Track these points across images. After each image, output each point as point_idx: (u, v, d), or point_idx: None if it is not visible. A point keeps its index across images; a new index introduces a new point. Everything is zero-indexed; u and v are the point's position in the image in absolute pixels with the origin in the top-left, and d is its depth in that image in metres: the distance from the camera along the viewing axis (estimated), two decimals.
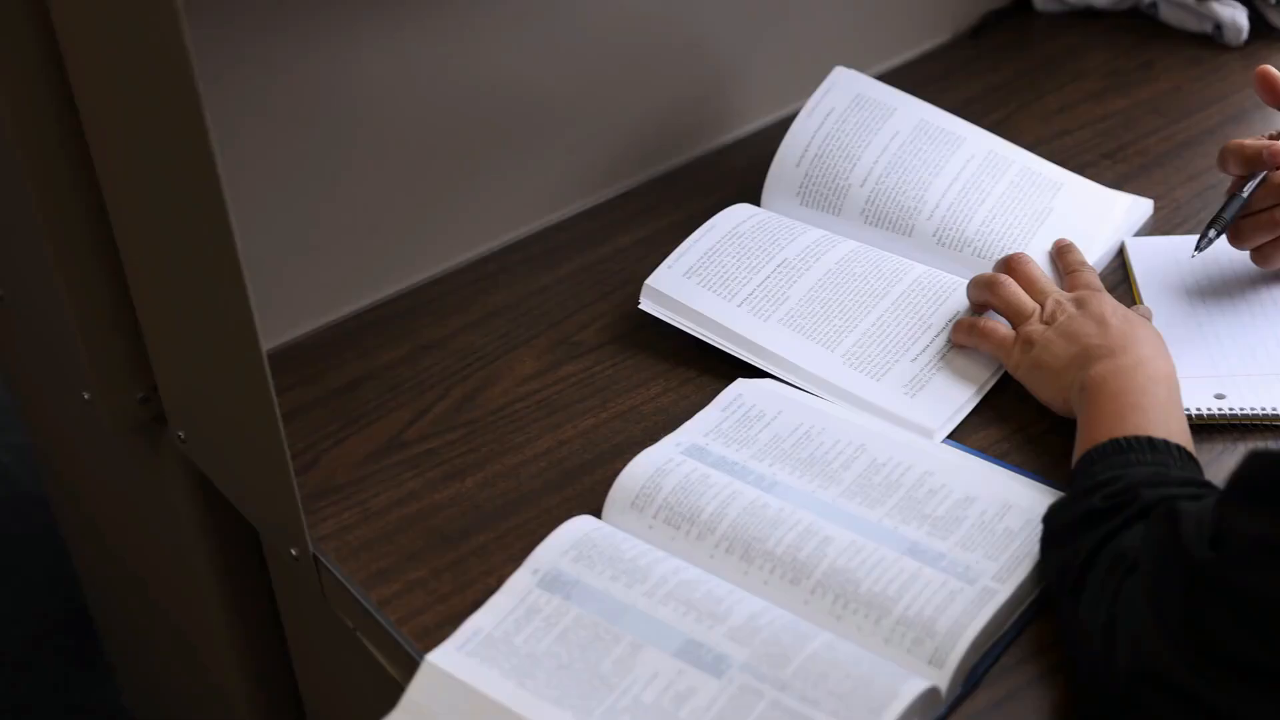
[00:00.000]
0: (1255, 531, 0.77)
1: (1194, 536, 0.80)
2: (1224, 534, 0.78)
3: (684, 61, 1.35)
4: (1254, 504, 0.78)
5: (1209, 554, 0.79)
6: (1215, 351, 1.11)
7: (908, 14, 1.51)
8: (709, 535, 0.97)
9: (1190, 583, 0.79)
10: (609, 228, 1.30)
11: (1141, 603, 0.82)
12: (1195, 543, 0.80)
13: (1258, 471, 0.79)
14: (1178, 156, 1.35)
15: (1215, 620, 0.78)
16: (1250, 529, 0.77)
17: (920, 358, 1.11)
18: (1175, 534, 0.81)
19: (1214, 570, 0.78)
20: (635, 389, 1.13)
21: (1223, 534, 0.79)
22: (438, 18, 1.17)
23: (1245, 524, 0.77)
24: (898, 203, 1.24)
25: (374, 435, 1.11)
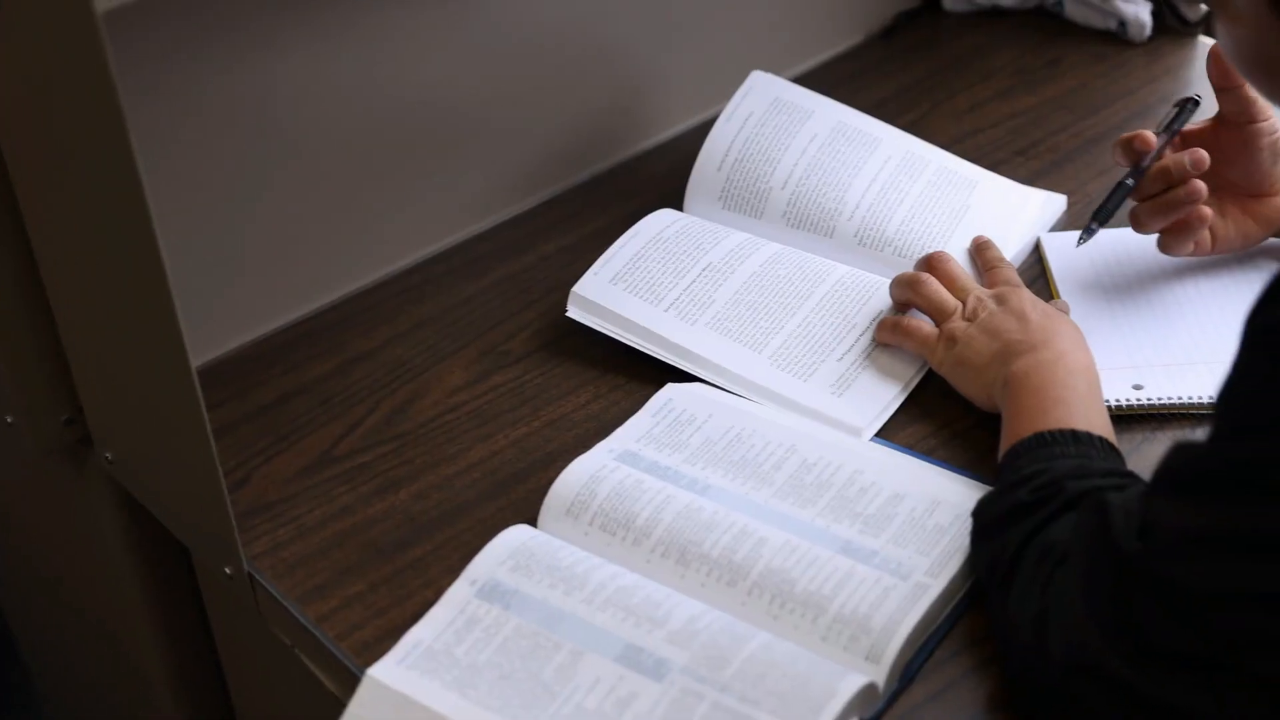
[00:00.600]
0: (1181, 524, 0.78)
1: (1122, 528, 0.82)
2: (1151, 526, 0.80)
3: (602, 68, 1.36)
4: (1179, 496, 0.79)
5: (1137, 546, 0.80)
6: (1132, 343, 1.14)
7: (820, 16, 1.53)
8: (645, 540, 0.98)
9: (1119, 574, 0.81)
10: (532, 236, 1.31)
11: (1073, 595, 0.84)
12: (1123, 534, 0.81)
13: (1182, 464, 0.80)
14: (1087, 152, 1.38)
15: (1145, 611, 0.79)
16: (1176, 521, 0.79)
17: (846, 357, 1.13)
18: (1104, 526, 0.83)
19: (1142, 562, 0.80)
20: (565, 397, 1.14)
21: (1150, 526, 0.80)
22: (357, 30, 1.17)
23: (1171, 517, 0.79)
24: (819, 204, 1.25)
25: (305, 450, 1.11)
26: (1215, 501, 0.77)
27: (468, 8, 1.23)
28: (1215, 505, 0.77)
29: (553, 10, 1.30)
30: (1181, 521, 0.78)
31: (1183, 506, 0.78)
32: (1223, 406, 0.79)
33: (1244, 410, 0.76)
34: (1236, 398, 0.77)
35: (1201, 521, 0.77)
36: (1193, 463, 0.79)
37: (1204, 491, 0.78)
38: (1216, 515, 0.77)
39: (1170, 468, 0.81)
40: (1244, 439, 0.76)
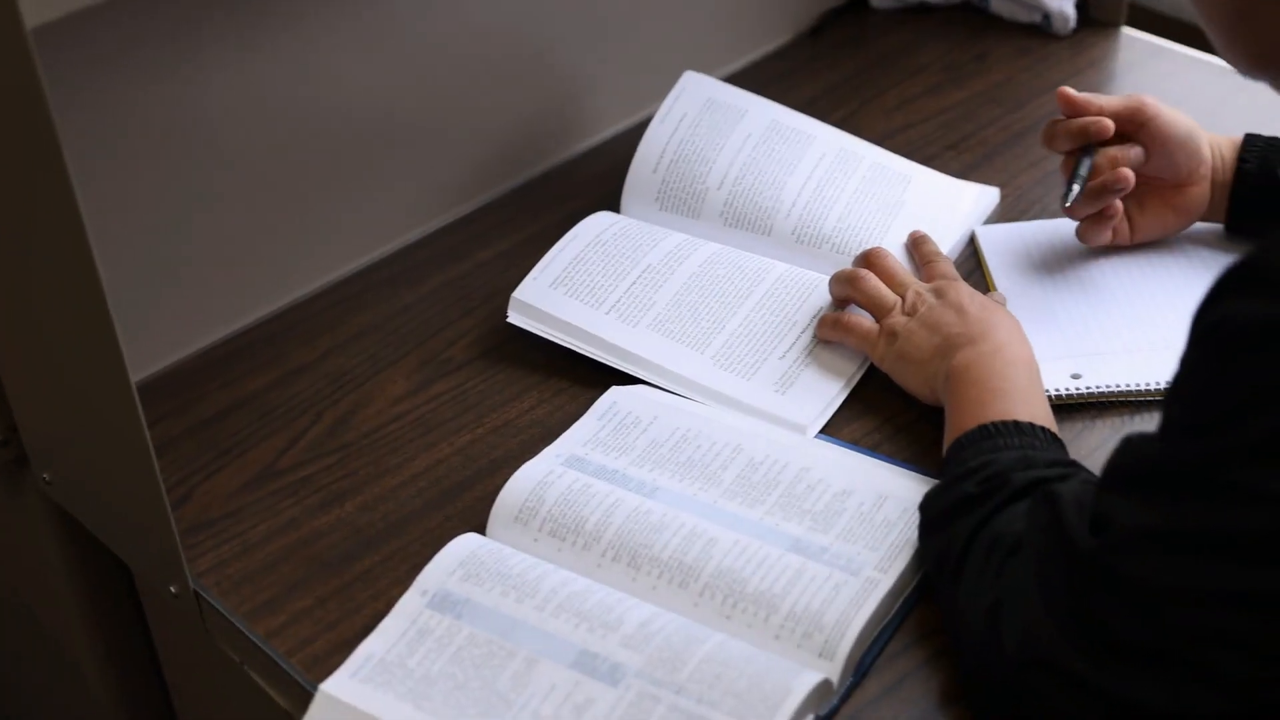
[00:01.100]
0: (1135, 521, 0.79)
1: (1075, 522, 0.82)
2: (1105, 521, 0.81)
3: (533, 72, 1.36)
4: (1133, 492, 0.80)
5: (1091, 542, 0.81)
6: (1069, 333, 1.15)
7: (749, 16, 1.54)
8: (595, 545, 0.98)
9: (1074, 569, 0.81)
10: (469, 242, 1.30)
11: (1027, 588, 0.84)
12: (1077, 529, 0.82)
13: (1134, 461, 0.81)
14: (1017, 145, 1.39)
15: (1100, 606, 0.80)
16: (1131, 519, 0.79)
17: (788, 355, 1.13)
18: (1057, 519, 0.84)
19: (1097, 558, 0.80)
20: (509, 403, 1.14)
21: (1104, 521, 0.81)
22: (286, 39, 1.16)
23: (1126, 514, 0.79)
24: (755, 203, 1.26)
25: (248, 465, 1.09)
26: (1169, 500, 0.77)
27: (398, 15, 1.23)
28: (1169, 504, 0.77)
29: (484, 15, 1.29)
30: (1136, 519, 0.79)
31: (1137, 504, 0.79)
32: (1173, 403, 0.79)
33: (1194, 409, 0.77)
34: (1186, 395, 0.78)
35: (1155, 519, 0.78)
36: (1145, 460, 0.80)
37: (1158, 489, 0.78)
38: (1171, 514, 0.77)
39: (1123, 463, 0.82)
40: (1195, 438, 0.76)
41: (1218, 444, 0.75)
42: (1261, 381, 0.73)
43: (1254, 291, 0.74)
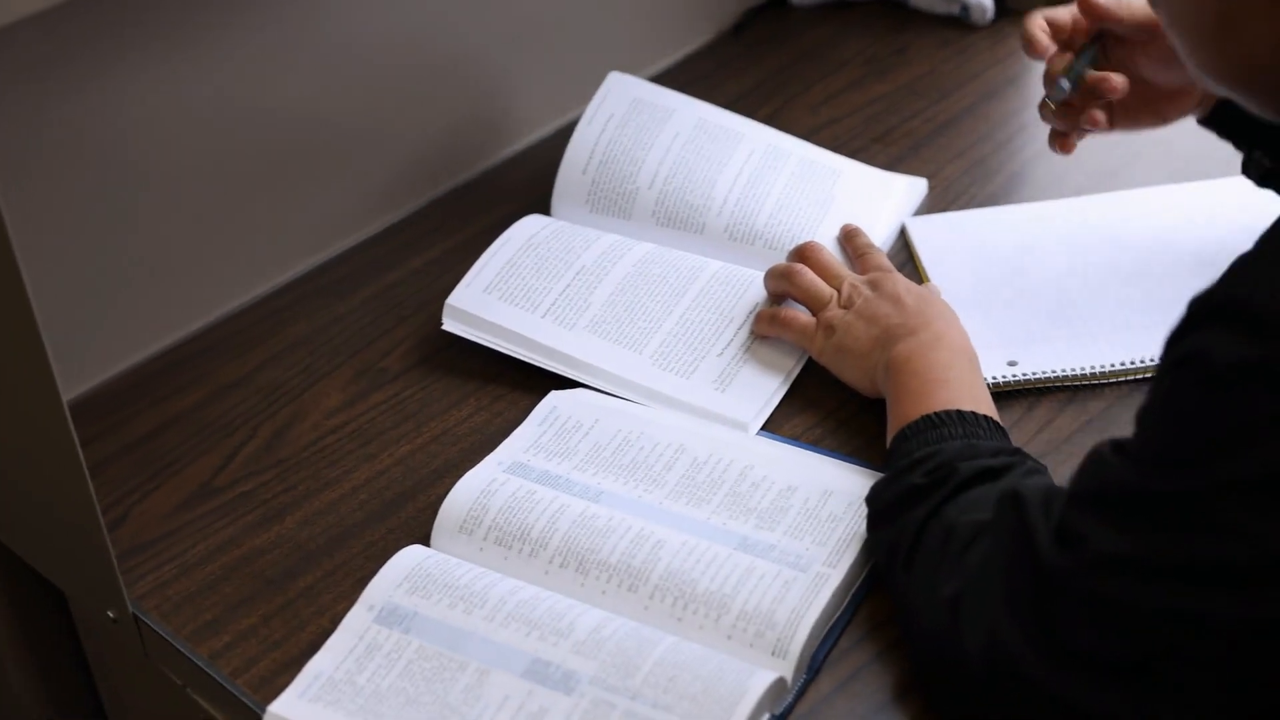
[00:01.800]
0: (1107, 546, 0.78)
1: (1042, 530, 0.81)
2: (1076, 538, 0.80)
3: (458, 78, 1.35)
4: (1104, 515, 0.79)
5: (1060, 557, 0.80)
6: (1003, 320, 1.15)
7: (671, 15, 1.53)
8: (542, 552, 0.97)
9: (1042, 582, 0.81)
10: (399, 250, 1.29)
11: (992, 591, 0.84)
12: (1044, 538, 0.81)
13: (1107, 482, 0.80)
14: (942, 135, 1.40)
15: (1070, 621, 0.80)
16: (1103, 543, 0.78)
17: (726, 352, 1.13)
18: (1024, 526, 0.83)
19: (1067, 577, 0.79)
20: (447, 411, 1.12)
21: (1074, 537, 0.80)
22: (207, 51, 1.14)
23: (1098, 536, 0.78)
24: (686, 202, 1.25)
25: (183, 483, 1.08)
26: (1145, 529, 0.77)
27: (319, 24, 1.21)
28: (1145, 532, 0.77)
29: (405, 22, 1.28)
30: (1110, 543, 0.78)
31: (1111, 527, 0.78)
32: (1147, 427, 0.78)
33: (1170, 440, 0.76)
34: (1161, 424, 0.77)
35: (1130, 547, 0.77)
36: (1119, 484, 0.79)
37: (1132, 516, 0.77)
38: (1146, 542, 0.77)
39: (1095, 482, 0.81)
40: (1172, 470, 0.76)
41: (1195, 480, 0.75)
42: (1239, 421, 0.73)
43: (1234, 328, 0.73)
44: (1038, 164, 1.36)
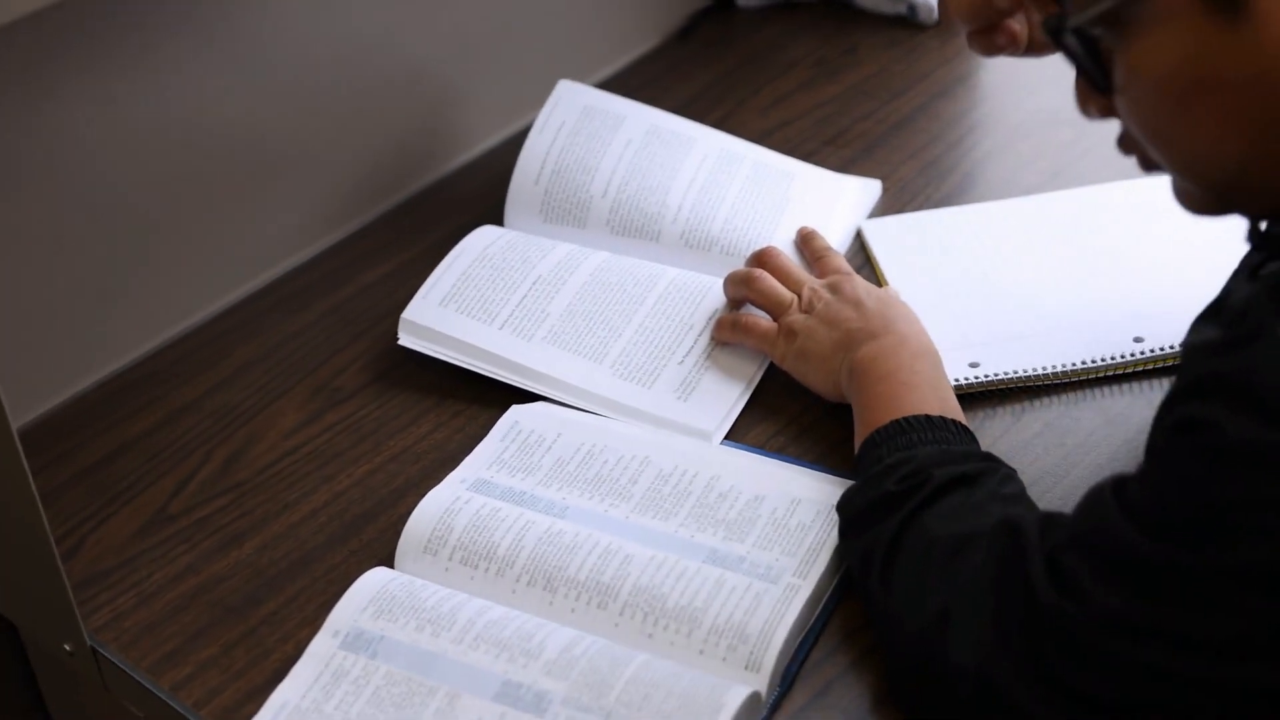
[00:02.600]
0: (1104, 602, 0.77)
1: (1038, 564, 0.80)
2: (1070, 581, 0.79)
3: (405, 90, 1.33)
4: (1101, 567, 0.78)
5: (1055, 601, 0.79)
6: (963, 322, 1.15)
7: (616, 21, 1.52)
8: (508, 570, 0.96)
9: (1034, 620, 0.80)
10: (351, 265, 1.27)
11: (983, 616, 0.83)
12: (1039, 573, 0.80)
13: (1105, 537, 0.78)
14: (895, 136, 1.40)
15: (1060, 661, 0.79)
16: (1100, 599, 0.77)
17: (687, 360, 1.12)
18: (1020, 558, 0.82)
19: (1062, 623, 0.79)
20: (406, 429, 1.11)
21: (1068, 580, 0.79)
22: (145, 70, 1.12)
23: (1095, 591, 0.77)
24: (641, 209, 1.24)
25: (138, 511, 1.05)
26: (1140, 594, 0.76)
27: (261, 39, 1.19)
28: (1139, 598, 0.76)
29: (351, 36, 1.26)
30: (1104, 600, 0.77)
31: (1106, 585, 0.77)
32: (1149, 489, 0.77)
33: (1172, 511, 0.75)
34: (1163, 491, 0.76)
35: (1123, 607, 0.76)
36: (1117, 542, 0.77)
37: (1129, 579, 0.76)
38: (1140, 607, 0.76)
39: (1095, 534, 0.79)
40: (1171, 544, 0.75)
41: (1195, 558, 0.74)
42: (1242, 504, 0.72)
43: (1242, 407, 0.72)
44: (990, 163, 1.36)
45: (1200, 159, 0.78)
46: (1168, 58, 0.75)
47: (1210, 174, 0.79)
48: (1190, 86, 0.75)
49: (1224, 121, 0.75)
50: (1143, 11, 0.75)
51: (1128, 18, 0.76)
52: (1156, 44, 0.76)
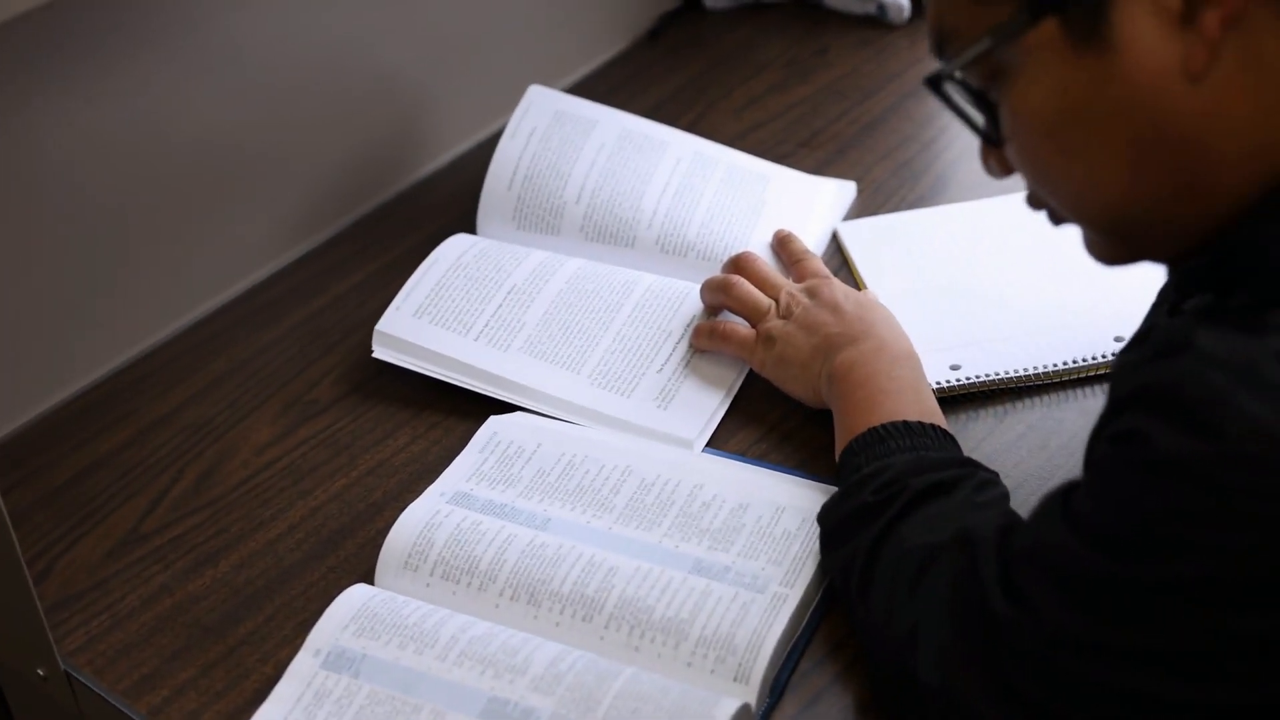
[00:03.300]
0: (1054, 619, 0.76)
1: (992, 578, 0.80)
2: (1021, 594, 0.78)
3: (373, 97, 1.31)
4: (1049, 581, 0.77)
5: (1008, 612, 0.78)
6: (944, 323, 1.14)
7: (584, 24, 1.51)
8: (491, 585, 0.94)
9: (991, 633, 0.79)
10: (323, 276, 1.25)
11: (944, 632, 0.82)
12: (993, 586, 0.79)
13: (1052, 550, 0.77)
14: (869, 137, 1.39)
15: (1019, 673, 0.78)
16: (1050, 616, 0.76)
17: (665, 368, 1.11)
18: (973, 572, 0.81)
19: (1016, 635, 0.77)
20: (382, 441, 1.09)
21: (1020, 592, 0.78)
22: (112, 83, 1.10)
23: (1046, 608, 0.76)
24: (615, 215, 1.23)
25: (110, 530, 1.03)
26: (1087, 609, 0.75)
27: (226, 47, 1.17)
28: (1087, 613, 0.75)
29: (318, 42, 1.24)
30: (1054, 616, 0.76)
31: (1055, 601, 0.76)
32: (1089, 500, 0.76)
33: (1109, 524, 0.74)
34: (1100, 503, 0.75)
35: (1071, 623, 0.75)
36: (1064, 556, 0.76)
37: (1076, 594, 0.75)
38: (1088, 623, 0.75)
39: (1044, 548, 0.78)
40: (1111, 557, 0.74)
41: (1135, 571, 0.73)
42: (1176, 517, 0.71)
43: (1170, 419, 0.71)
44: (963, 164, 1.35)
45: (1087, 196, 0.80)
46: (1041, 97, 0.77)
47: (1099, 213, 0.81)
48: (1065, 121, 0.77)
49: (1101, 153, 0.77)
50: (1014, 56, 0.77)
51: (1002, 64, 0.78)
52: (1029, 85, 0.78)
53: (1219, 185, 0.76)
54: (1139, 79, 0.74)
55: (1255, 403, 0.69)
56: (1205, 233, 0.78)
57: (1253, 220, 0.76)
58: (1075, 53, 0.75)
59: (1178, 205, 0.78)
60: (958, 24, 0.80)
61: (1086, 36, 0.75)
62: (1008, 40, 0.77)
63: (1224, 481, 0.70)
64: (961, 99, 0.82)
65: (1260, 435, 0.69)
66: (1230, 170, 0.76)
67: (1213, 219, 0.77)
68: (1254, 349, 0.71)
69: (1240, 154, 0.75)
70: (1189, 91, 0.74)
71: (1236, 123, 0.74)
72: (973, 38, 0.78)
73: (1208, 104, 0.74)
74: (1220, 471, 0.70)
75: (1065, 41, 0.75)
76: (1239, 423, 0.69)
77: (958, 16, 0.79)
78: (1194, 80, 0.74)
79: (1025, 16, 0.76)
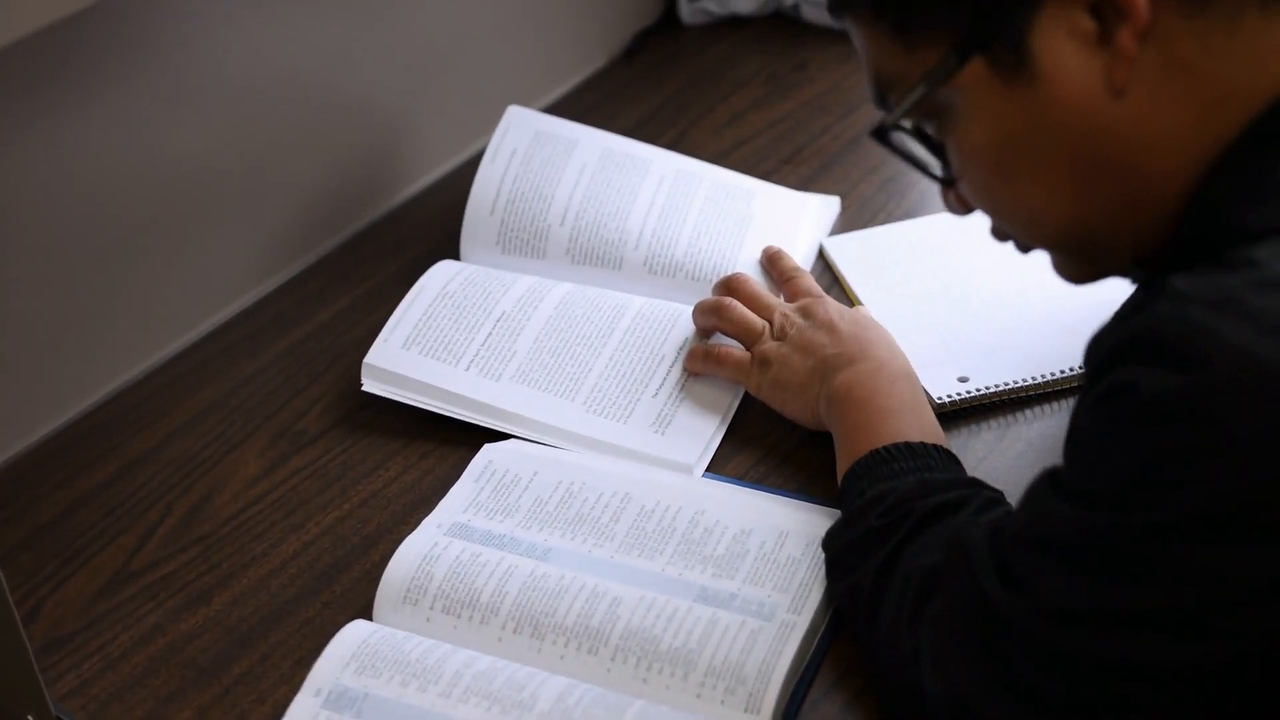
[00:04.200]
0: (1055, 593, 0.75)
1: (989, 575, 0.79)
2: (1021, 581, 0.77)
3: (352, 120, 1.30)
4: (1048, 557, 0.76)
5: (1007, 602, 0.77)
6: (946, 336, 1.12)
7: (560, 44, 1.49)
8: (493, 618, 0.92)
9: (991, 626, 0.78)
10: (306, 303, 1.23)
11: (945, 638, 0.81)
12: (991, 582, 0.78)
13: (1045, 524, 0.77)
14: (853, 152, 1.38)
15: (1021, 665, 0.77)
16: (1051, 591, 0.75)
17: (661, 393, 1.09)
18: (970, 576, 0.80)
19: (1017, 623, 0.77)
20: (373, 472, 1.07)
21: (1018, 579, 0.77)
22: (90, 107, 1.08)
23: (1046, 584, 0.76)
24: (601, 236, 1.21)
25: (98, 569, 1.01)
26: (1087, 576, 0.75)
27: (198, 72, 1.15)
28: (1087, 580, 0.74)
29: (291, 66, 1.23)
30: (1054, 592, 0.75)
31: (1054, 576, 0.76)
32: (1079, 466, 0.76)
33: (1102, 479, 0.74)
34: (1092, 462, 0.75)
35: (1073, 596, 0.75)
36: (1058, 524, 0.76)
37: (1074, 563, 0.75)
38: (1089, 591, 0.74)
39: (1035, 525, 0.78)
40: (1107, 513, 0.74)
41: (1133, 521, 0.73)
42: (1169, 456, 0.71)
43: (1154, 361, 0.71)
44: None
45: (1040, 220, 0.83)
46: (981, 132, 0.81)
47: (1056, 234, 0.84)
48: (1007, 153, 0.81)
49: (1046, 177, 0.81)
50: (950, 97, 0.81)
51: (941, 106, 0.82)
52: (969, 123, 0.81)
53: (1167, 190, 0.79)
54: (1069, 102, 0.78)
55: (1238, 330, 0.70)
56: (1163, 235, 0.80)
57: (1200, 195, 0.78)
58: (1006, 86, 0.79)
59: (1131, 216, 0.81)
60: (893, 73, 0.83)
61: (1013, 69, 0.78)
62: (941, 83, 0.80)
63: (1213, 410, 0.70)
64: (912, 144, 0.86)
65: (1247, 361, 0.69)
66: (1175, 174, 0.78)
67: (1167, 221, 0.80)
68: (1230, 282, 0.72)
69: (1181, 157, 0.78)
70: (1118, 106, 0.77)
71: (1169, 127, 0.77)
72: (909, 85, 0.82)
73: (1138, 115, 0.77)
74: (1209, 400, 0.70)
75: (995, 77, 0.79)
76: (1224, 350, 0.70)
77: (893, 66, 0.83)
78: (1120, 95, 0.77)
79: (954, 59, 0.79)
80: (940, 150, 0.85)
